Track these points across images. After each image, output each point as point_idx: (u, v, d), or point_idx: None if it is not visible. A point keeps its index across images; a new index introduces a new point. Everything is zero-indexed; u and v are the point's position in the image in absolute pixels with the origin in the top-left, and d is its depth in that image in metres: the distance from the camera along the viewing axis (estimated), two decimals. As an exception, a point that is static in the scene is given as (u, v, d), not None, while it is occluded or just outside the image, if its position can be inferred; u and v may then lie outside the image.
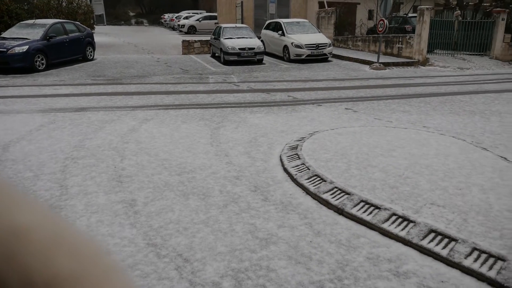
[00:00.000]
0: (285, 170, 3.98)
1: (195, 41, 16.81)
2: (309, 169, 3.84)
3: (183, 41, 16.67)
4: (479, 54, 16.29)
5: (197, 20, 28.25)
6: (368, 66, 13.11)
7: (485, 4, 19.54)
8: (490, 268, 2.40)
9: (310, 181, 3.62)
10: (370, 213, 3.06)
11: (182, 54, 16.32)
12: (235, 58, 13.14)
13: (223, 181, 3.80)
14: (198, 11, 34.59)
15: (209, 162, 4.27)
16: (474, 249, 2.55)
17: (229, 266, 2.53)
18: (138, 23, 42.01)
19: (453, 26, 16.21)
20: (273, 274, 2.45)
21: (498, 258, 2.46)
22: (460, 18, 16.25)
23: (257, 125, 5.72)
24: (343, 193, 3.36)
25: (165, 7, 43.51)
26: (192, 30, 27.63)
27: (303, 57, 14.02)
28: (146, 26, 40.11)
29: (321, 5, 20.54)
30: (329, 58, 14.81)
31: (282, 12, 20.71)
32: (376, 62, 12.93)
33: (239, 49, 13.12)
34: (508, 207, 2.96)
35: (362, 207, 3.15)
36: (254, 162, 4.28)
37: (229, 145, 4.81)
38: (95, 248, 0.29)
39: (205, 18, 28.35)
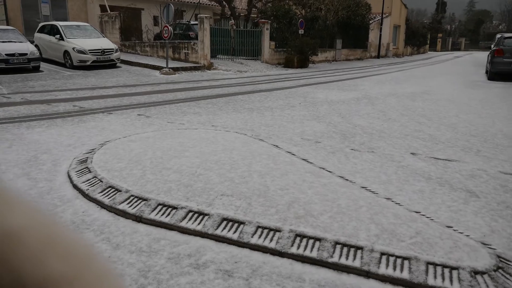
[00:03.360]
0: (75, 186, 3.65)
1: None
2: (102, 181, 3.63)
3: None
4: (253, 59, 18.74)
5: None
6: (158, 71, 13.31)
7: (253, 15, 22.57)
8: (271, 240, 2.81)
9: (104, 194, 3.44)
10: (168, 214, 3.13)
11: None
12: (3, 65, 11.19)
13: (-5, 211, 3.19)
14: None
15: (-27, 193, 3.50)
16: (258, 227, 2.94)
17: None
18: None
19: (230, 34, 18.13)
20: (68, 303, 2.22)
21: (276, 230, 2.91)
22: (234, 27, 18.29)
23: (37, 141, 5.03)
24: (140, 200, 3.32)
25: None
26: None
27: (88, 63, 13.09)
28: None
29: (103, 8, 19.57)
30: (118, 64, 14.31)
31: (59, 14, 18.76)
32: (165, 67, 13.24)
33: (6, 55, 11.23)
34: (280, 186, 3.53)
35: (160, 210, 3.19)
36: (36, 183, 3.76)
37: (0, 169, 4.07)
38: (88, 251, 0.28)
39: (-46, 17, 22.96)
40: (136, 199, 3.33)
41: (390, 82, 13.78)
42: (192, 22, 19.12)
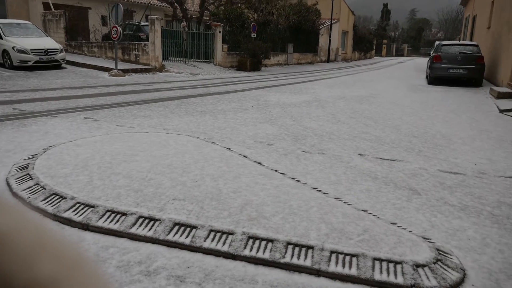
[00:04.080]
0: (15, 194, 3.43)
1: None
2: (45, 188, 3.44)
3: None
4: (206, 61, 18.63)
5: None
6: (107, 73, 12.86)
7: (205, 18, 22.45)
8: (224, 243, 2.81)
9: (48, 202, 3.26)
10: (118, 221, 3.03)
11: None
12: None
13: None
14: None
15: None
16: (211, 230, 2.92)
17: None
18: None
19: (182, 36, 17.90)
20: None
21: (229, 233, 2.91)
22: (186, 29, 18.09)
23: (-29, 147, 4.67)
24: (87, 207, 3.19)
25: None
26: None
27: (30, 63, 12.38)
28: None
29: (46, 6, 18.57)
30: (63, 65, 13.65)
31: (-4, 10, 17.56)
32: (115, 69, 12.82)
33: None
34: (233, 189, 3.54)
35: (108, 217, 3.08)
36: (-30, 192, 3.49)
37: None
38: (77, 253, 0.29)
39: None
40: (82, 206, 3.19)
41: (339, 85, 14.27)
42: (142, 23, 18.66)
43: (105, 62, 14.86)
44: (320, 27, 31.13)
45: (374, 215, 3.23)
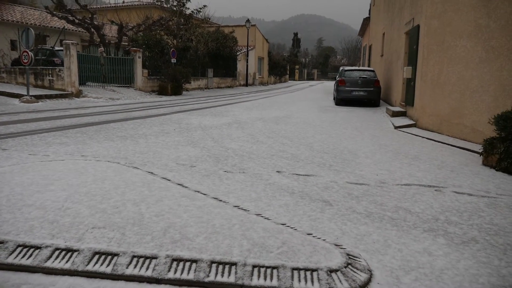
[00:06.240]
0: None
1: None
2: None
3: None
4: (126, 86, 18.17)
5: None
6: (18, 99, 11.99)
7: (124, 43, 21.96)
8: (148, 268, 2.80)
9: None
10: (30, 255, 2.87)
11: None
12: None
13: None
14: None
15: None
16: (133, 256, 2.90)
17: None
18: None
19: (99, 60, 17.32)
20: None
21: (152, 257, 2.91)
22: (104, 54, 17.55)
23: None
24: (-5, 244, 2.96)
25: None
26: None
27: None
28: None
29: None
30: (-40, 92, 12.39)
31: None
32: (26, 95, 12.00)
33: None
34: (155, 213, 3.55)
35: (20, 253, 2.90)
36: None
37: None
38: None
39: None
40: (-11, 243, 2.96)
41: (257, 108, 14.84)
42: (56, 48, 17.71)
43: (16, 88, 13.78)
44: (238, 53, 32.22)
45: (292, 227, 3.46)
